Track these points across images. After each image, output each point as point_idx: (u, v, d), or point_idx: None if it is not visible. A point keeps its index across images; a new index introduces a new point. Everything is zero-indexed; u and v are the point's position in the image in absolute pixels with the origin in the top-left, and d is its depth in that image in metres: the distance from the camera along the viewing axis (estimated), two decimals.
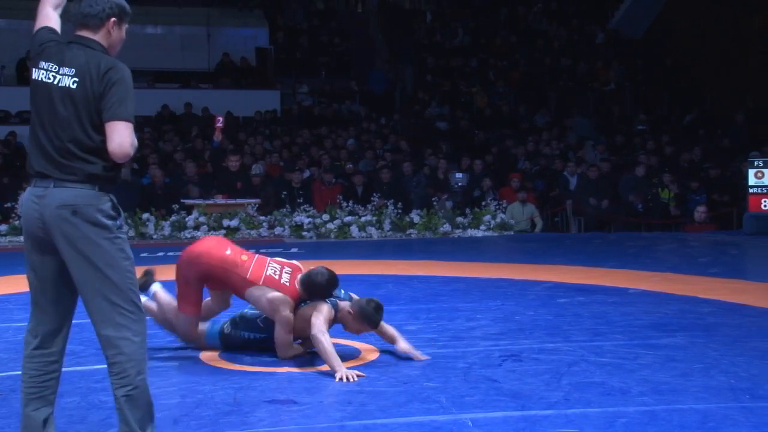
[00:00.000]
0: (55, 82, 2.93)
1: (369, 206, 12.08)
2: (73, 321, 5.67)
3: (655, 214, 12.95)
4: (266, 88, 18.00)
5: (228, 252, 4.58)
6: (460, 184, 13.36)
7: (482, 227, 12.06)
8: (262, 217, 11.63)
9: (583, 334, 5.23)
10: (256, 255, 4.70)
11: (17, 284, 7.39)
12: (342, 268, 8.36)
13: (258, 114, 16.92)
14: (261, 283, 4.49)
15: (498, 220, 12.17)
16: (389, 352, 4.75)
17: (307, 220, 11.64)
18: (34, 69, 3.01)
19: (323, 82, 19.00)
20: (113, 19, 3.09)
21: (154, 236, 11.27)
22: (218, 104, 16.76)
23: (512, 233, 12.15)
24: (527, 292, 6.91)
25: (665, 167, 13.78)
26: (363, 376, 4.20)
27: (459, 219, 12.12)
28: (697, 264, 8.71)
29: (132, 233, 11.16)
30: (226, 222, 11.38)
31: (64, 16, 3.20)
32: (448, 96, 17.98)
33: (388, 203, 12.05)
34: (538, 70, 19.25)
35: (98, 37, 3.06)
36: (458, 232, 11.98)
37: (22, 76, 16.88)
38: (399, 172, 13.67)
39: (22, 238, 11.23)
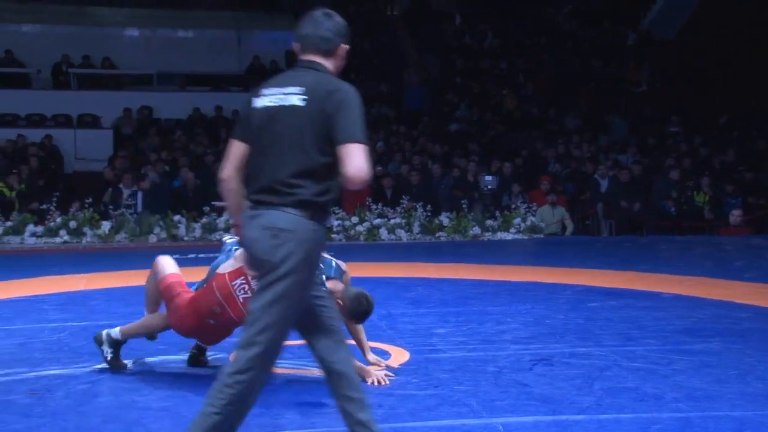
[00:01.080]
0: (282, 104, 2.83)
1: (398, 209, 12.07)
2: (106, 322, 5.75)
3: (688, 217, 12.79)
4: None
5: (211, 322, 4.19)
6: (489, 186, 13.31)
7: (512, 230, 12.01)
8: None
9: (614, 338, 5.17)
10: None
11: (52, 285, 7.50)
12: (371, 270, 8.38)
13: None
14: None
15: (528, 223, 12.11)
16: (419, 355, 4.73)
17: (336, 223, 11.67)
18: (254, 99, 2.92)
19: (352, 84, 18.94)
20: (344, 45, 3.00)
21: (186, 238, 11.37)
22: None
23: (542, 236, 12.07)
24: (558, 295, 6.86)
25: (703, 170, 13.60)
26: (392, 377, 4.19)
27: (489, 222, 12.07)
28: (732, 268, 8.58)
29: (164, 235, 11.27)
30: None
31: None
32: (477, 98, 17.91)
33: (418, 206, 12.03)
34: (568, 72, 19.13)
35: (328, 62, 2.96)
36: (488, 235, 11.94)
37: (58, 80, 17.13)
38: (428, 175, 13.65)
39: (56, 240, 11.25)
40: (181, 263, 6.33)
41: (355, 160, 2.71)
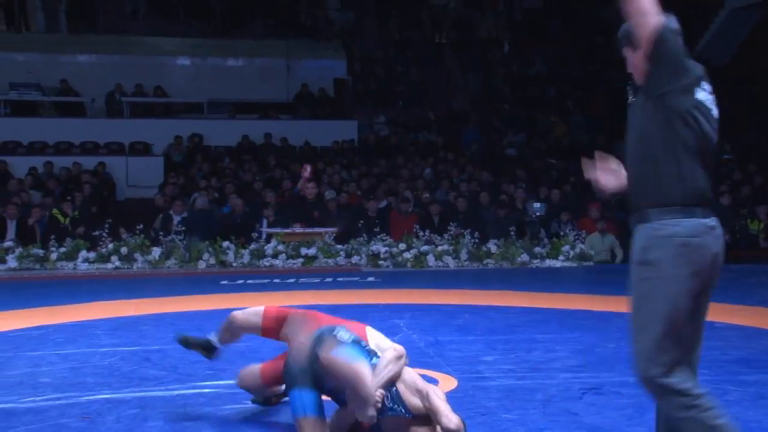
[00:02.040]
0: (713, 106, 2.90)
1: (446, 235, 12.04)
2: (156, 347, 5.81)
3: (742, 245, 12.51)
4: (344, 118, 18.25)
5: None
6: (538, 213, 13.19)
7: (561, 257, 11.87)
8: (339, 246, 11.72)
9: None
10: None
11: (104, 310, 7.63)
12: (418, 297, 8.36)
13: (335, 144, 17.15)
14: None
15: (577, 250, 11.96)
16: (467, 383, 4.69)
17: (383, 249, 11.68)
18: (696, 89, 2.87)
19: (400, 111, 19.12)
20: None
21: (234, 264, 11.47)
22: (297, 134, 17.08)
23: (592, 264, 11.91)
24: (608, 323, 6.75)
25: (758, 198, 13.31)
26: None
27: (537, 249, 11.96)
28: None
29: (212, 261, 11.39)
30: (303, 250, 11.51)
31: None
32: (525, 125, 17.84)
33: (465, 233, 11.99)
34: (619, 98, 18.93)
35: None
36: (536, 263, 11.82)
37: (111, 108, 17.53)
38: (475, 202, 13.60)
39: (108, 266, 11.26)
40: (229, 289, 6.37)
41: None
